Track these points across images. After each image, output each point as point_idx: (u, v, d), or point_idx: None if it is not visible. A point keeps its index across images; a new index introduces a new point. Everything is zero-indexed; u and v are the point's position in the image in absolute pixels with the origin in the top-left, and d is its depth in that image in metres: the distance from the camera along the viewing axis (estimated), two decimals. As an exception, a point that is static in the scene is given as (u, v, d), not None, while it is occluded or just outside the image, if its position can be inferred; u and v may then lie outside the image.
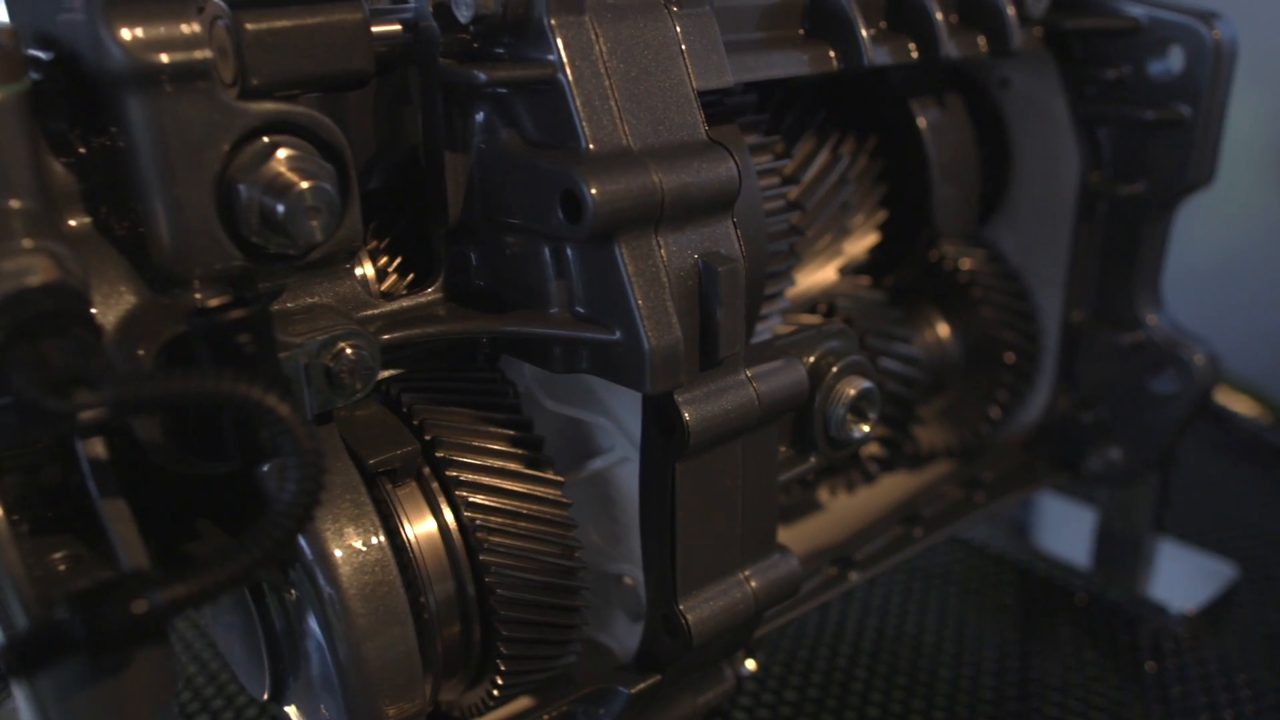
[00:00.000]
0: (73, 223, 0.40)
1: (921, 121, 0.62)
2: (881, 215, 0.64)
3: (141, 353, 0.38)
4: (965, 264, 0.69)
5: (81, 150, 0.40)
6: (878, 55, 0.53)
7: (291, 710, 0.48)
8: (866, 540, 0.63)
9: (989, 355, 0.70)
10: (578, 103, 0.41)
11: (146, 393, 0.33)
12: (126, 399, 0.33)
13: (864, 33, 0.52)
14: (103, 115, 0.38)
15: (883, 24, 0.55)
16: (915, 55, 0.55)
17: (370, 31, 0.42)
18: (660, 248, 0.43)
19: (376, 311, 0.45)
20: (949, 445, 0.72)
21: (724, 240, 0.45)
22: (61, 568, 0.40)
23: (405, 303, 0.46)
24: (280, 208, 0.38)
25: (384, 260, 0.48)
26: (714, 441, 0.46)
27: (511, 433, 0.48)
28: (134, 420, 0.38)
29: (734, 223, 0.45)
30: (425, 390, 0.48)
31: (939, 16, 0.55)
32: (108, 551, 0.39)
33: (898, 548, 0.63)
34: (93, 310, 0.37)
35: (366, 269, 0.48)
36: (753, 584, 0.50)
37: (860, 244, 0.64)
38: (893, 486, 0.71)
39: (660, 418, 0.45)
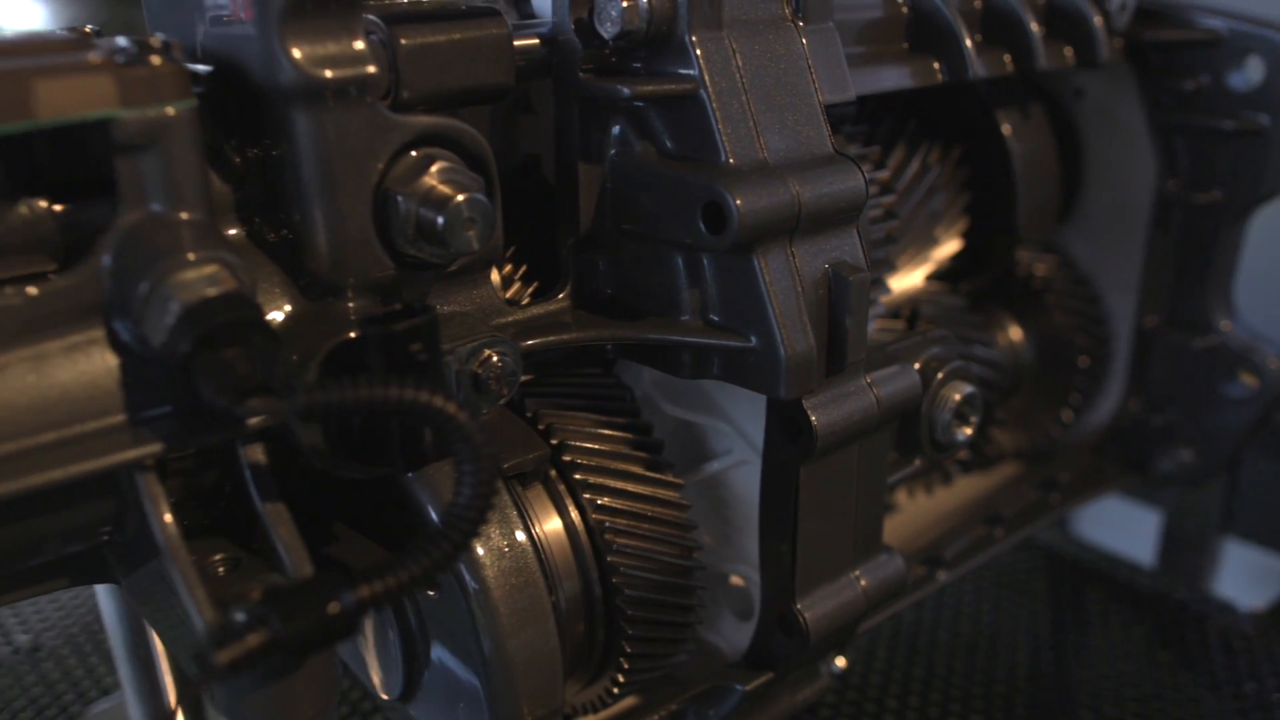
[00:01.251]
0: (229, 232, 0.41)
1: (1006, 129, 0.63)
2: (964, 222, 0.65)
3: (295, 359, 0.39)
4: (1039, 270, 0.70)
5: (236, 161, 0.41)
6: (979, 68, 0.54)
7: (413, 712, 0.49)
8: (950, 540, 0.64)
9: (1061, 359, 0.71)
10: (718, 116, 0.42)
11: (336, 400, 0.34)
12: (317, 406, 0.34)
13: (969, 45, 0.53)
14: (261, 127, 0.39)
15: (978, 37, 0.57)
16: (1010, 67, 0.57)
17: (513, 45, 0.43)
18: (794, 257, 0.44)
19: (510, 319, 0.46)
20: (1019, 447, 0.73)
21: (850, 250, 0.46)
22: (220, 570, 0.40)
23: (535, 310, 0.47)
24: (440, 219, 0.39)
25: (508, 268, 0.49)
26: (837, 445, 0.47)
27: (632, 436, 0.49)
28: (298, 425, 0.39)
29: (859, 233, 0.46)
30: (548, 395, 0.49)
31: (1034, 28, 0.56)
32: (264, 554, 0.40)
33: (981, 547, 0.65)
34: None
35: (493, 277, 0.49)
36: (863, 583, 0.51)
37: (945, 251, 0.65)
38: (965, 488, 0.72)
39: (787, 422, 0.46)
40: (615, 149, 0.45)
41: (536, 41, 0.44)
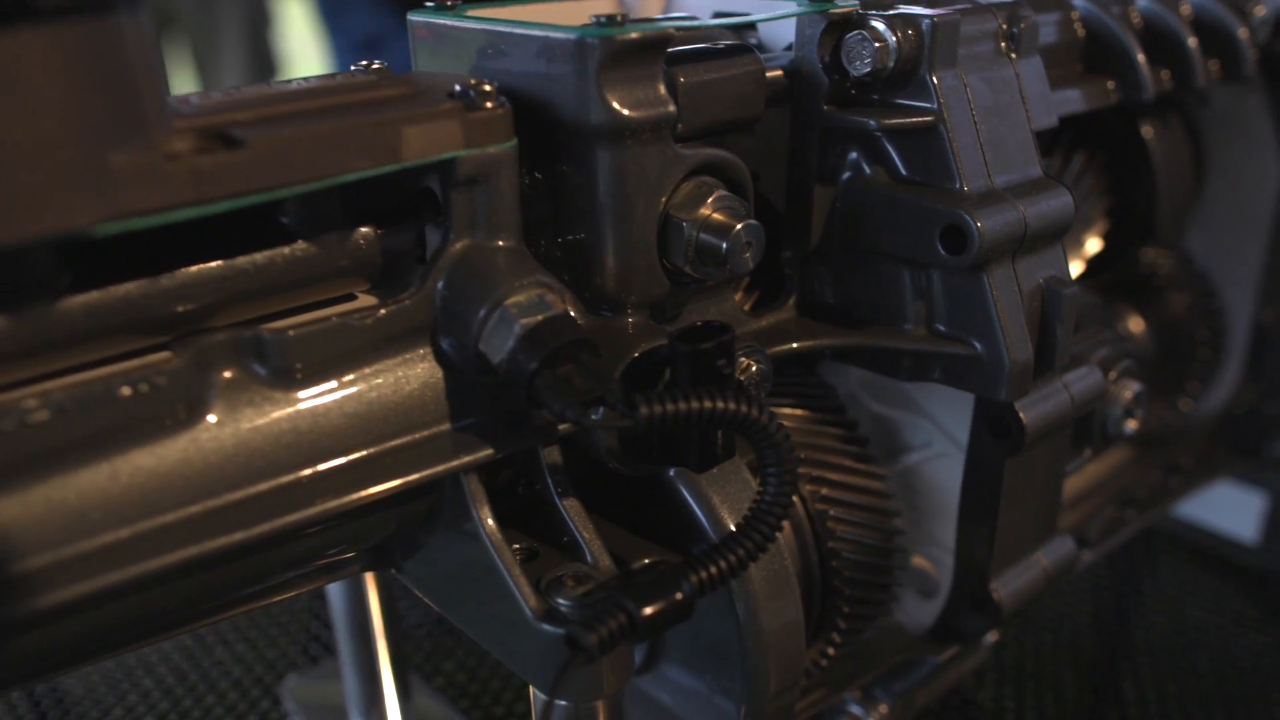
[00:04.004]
0: (519, 253, 0.45)
1: (1147, 133, 0.67)
2: (1105, 224, 0.70)
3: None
4: (1162, 266, 0.74)
5: (525, 184, 0.45)
6: (1151, 87, 0.58)
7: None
8: (1088, 521, 0.69)
9: (1179, 350, 0.75)
10: (954, 146, 0.46)
11: (671, 413, 0.38)
12: (656, 418, 0.38)
13: (1144, 66, 0.57)
14: (555, 155, 0.43)
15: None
16: (1169, 85, 0.61)
17: (766, 79, 0.47)
18: (1016, 274, 0.48)
19: (751, 328, 0.50)
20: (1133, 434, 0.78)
21: (1058, 264, 0.50)
22: (519, 560, 0.45)
23: (768, 320, 0.51)
24: (724, 245, 0.43)
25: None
26: (1037, 441, 0.51)
27: (843, 431, 0.54)
28: (598, 430, 0.43)
29: (1063, 248, 0.50)
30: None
31: (1193, 45, 0.60)
32: (556, 544, 0.44)
33: (1114, 529, 0.69)
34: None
35: (721, 288, 0.53)
36: (1043, 563, 0.56)
37: (1089, 252, 0.69)
38: (1087, 472, 0.77)
39: (995, 421, 0.51)
40: (848, 172, 0.49)
41: (780, 74, 0.48)
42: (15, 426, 0.33)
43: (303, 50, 2.73)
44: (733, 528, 0.46)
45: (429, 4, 0.48)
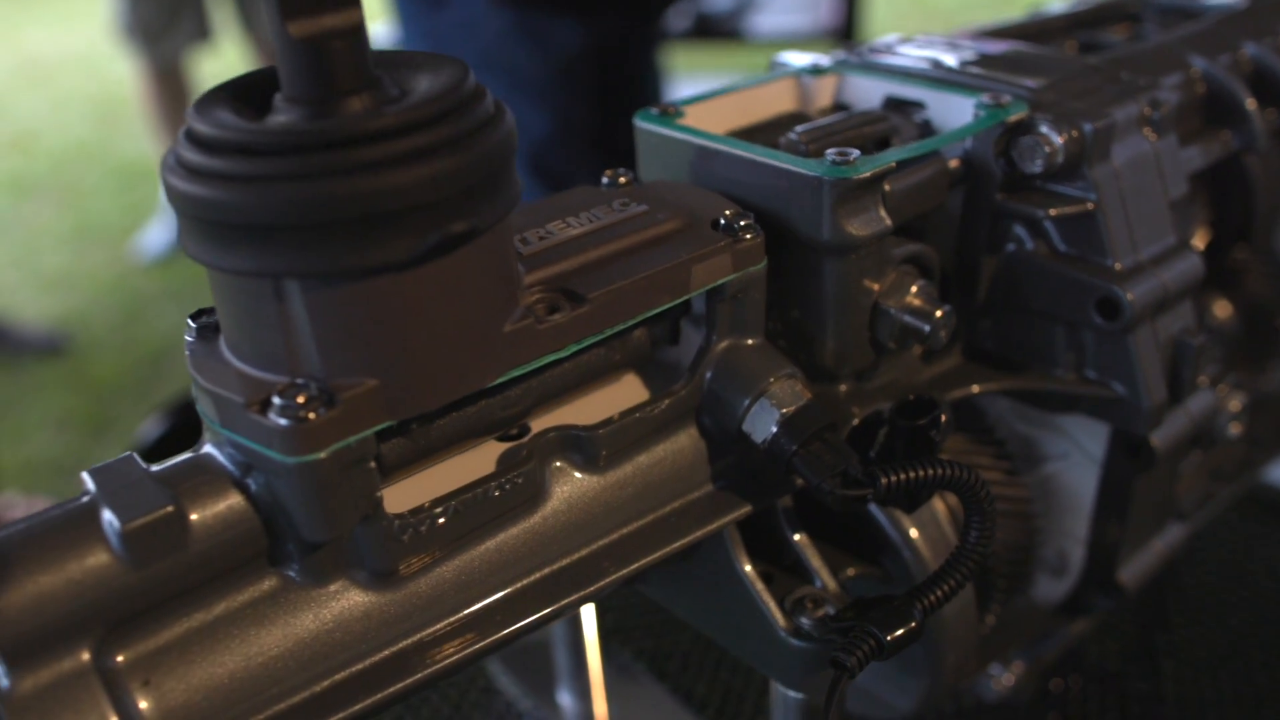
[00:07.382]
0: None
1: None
2: (1205, 234, 0.78)
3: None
4: (1250, 261, 0.83)
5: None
6: (1265, 137, 0.66)
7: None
8: (1183, 495, 0.79)
9: (1261, 331, 0.84)
10: (1109, 228, 0.55)
11: (905, 482, 0.48)
12: (893, 488, 0.48)
13: (1256, 116, 0.65)
14: (779, 249, 0.52)
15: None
16: (1276, 122, 0.68)
17: (949, 172, 0.55)
18: (1156, 331, 0.57)
19: (927, 376, 0.59)
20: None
21: (1188, 317, 0.59)
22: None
23: (939, 367, 0.60)
24: (927, 328, 0.52)
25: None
26: (1165, 460, 0.61)
27: (994, 449, 0.64)
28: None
29: (1193, 302, 0.59)
30: (929, 421, 0.63)
31: (1296, 88, 0.68)
32: (783, 566, 0.55)
33: (1205, 500, 0.80)
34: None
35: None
36: (1159, 548, 0.67)
37: (1189, 261, 0.78)
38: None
39: (1130, 445, 0.60)
40: (1012, 244, 0.58)
41: (956, 163, 0.56)
42: (428, 529, 0.43)
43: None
44: (914, 535, 0.57)
45: (653, 111, 0.57)
